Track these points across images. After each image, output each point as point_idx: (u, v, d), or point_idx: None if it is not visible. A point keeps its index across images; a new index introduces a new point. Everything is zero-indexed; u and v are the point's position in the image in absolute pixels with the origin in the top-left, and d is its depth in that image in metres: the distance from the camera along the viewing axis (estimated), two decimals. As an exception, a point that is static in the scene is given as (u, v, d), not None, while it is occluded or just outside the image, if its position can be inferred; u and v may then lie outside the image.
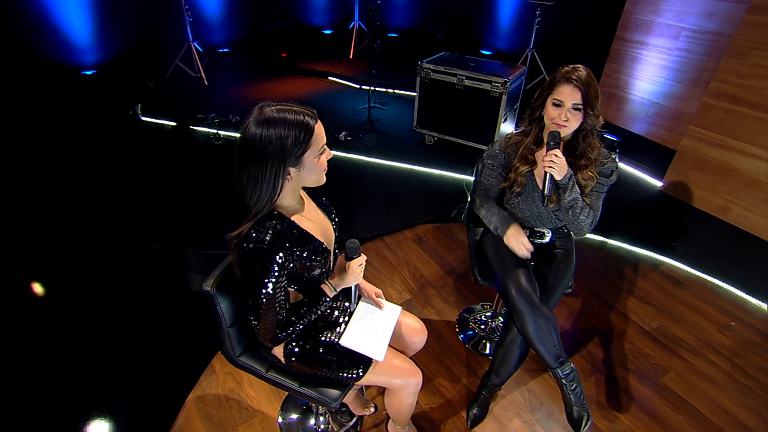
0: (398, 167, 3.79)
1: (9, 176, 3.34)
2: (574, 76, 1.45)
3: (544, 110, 1.55)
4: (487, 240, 1.83)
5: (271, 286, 1.11)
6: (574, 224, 1.63)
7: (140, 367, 2.01)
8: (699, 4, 3.26)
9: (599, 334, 2.33)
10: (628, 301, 2.55)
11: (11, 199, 3.05)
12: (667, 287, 2.67)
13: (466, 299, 2.52)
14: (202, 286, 1.23)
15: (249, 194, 1.10)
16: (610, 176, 1.62)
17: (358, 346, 1.33)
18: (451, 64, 3.73)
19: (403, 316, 1.51)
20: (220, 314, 1.27)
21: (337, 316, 1.40)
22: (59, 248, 2.69)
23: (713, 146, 3.07)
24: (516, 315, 1.55)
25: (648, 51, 3.66)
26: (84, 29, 4.80)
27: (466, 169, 3.72)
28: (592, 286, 2.65)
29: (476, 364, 2.12)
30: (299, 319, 1.21)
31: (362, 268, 1.26)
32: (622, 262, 2.87)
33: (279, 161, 1.07)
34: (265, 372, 1.37)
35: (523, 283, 1.56)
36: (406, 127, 4.33)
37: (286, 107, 1.08)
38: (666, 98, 3.68)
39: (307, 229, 1.20)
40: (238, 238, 1.11)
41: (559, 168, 1.49)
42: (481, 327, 2.29)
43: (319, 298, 1.24)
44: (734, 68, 2.86)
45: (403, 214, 3.22)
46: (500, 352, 1.70)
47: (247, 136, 1.06)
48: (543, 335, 1.54)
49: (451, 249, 2.93)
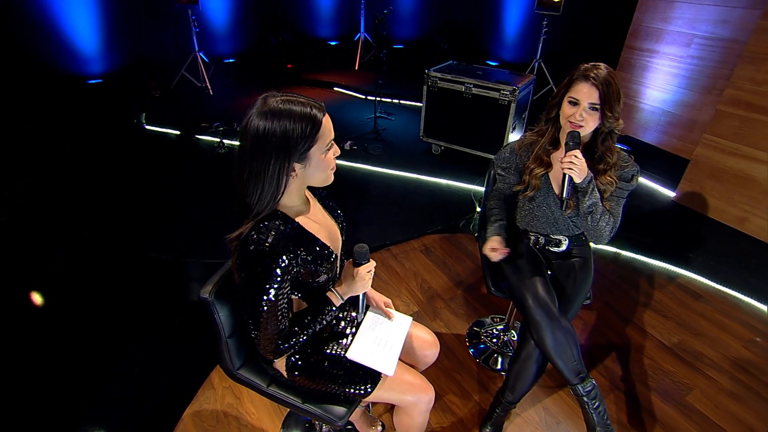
0: (405, 177, 3.73)
1: (9, 179, 3.30)
2: (593, 74, 1.38)
3: (561, 109, 1.48)
4: (501, 248, 1.74)
5: (273, 292, 1.02)
6: (593, 231, 1.54)
7: (135, 380, 1.92)
8: (711, 12, 3.21)
9: (617, 348, 2.22)
10: (646, 315, 2.45)
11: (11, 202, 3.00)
12: (686, 300, 2.56)
13: (477, 312, 2.42)
14: (199, 294, 1.15)
15: (250, 192, 1.02)
16: (631, 181, 1.53)
17: (366, 359, 1.24)
18: (458, 72, 3.69)
19: (414, 328, 1.42)
20: (219, 323, 1.18)
21: (344, 327, 1.31)
22: (57, 255, 2.62)
23: (729, 155, 2.99)
24: (533, 326, 1.46)
25: (659, 59, 3.61)
26: (91, 40, 4.82)
27: (474, 179, 3.64)
28: (607, 298, 2.55)
29: (488, 380, 2.02)
30: (303, 330, 1.12)
31: (371, 274, 1.17)
32: (636, 273, 2.77)
33: (283, 156, 0.99)
34: (266, 387, 1.28)
35: (541, 292, 1.47)
36: (413, 136, 4.28)
37: (292, 98, 1.01)
38: (678, 107, 3.61)
39: (312, 231, 1.12)
40: (238, 239, 1.03)
41: (579, 170, 1.41)
42: (492, 341, 2.19)
43: (325, 307, 1.15)
44: (750, 75, 2.79)
45: (409, 223, 3.14)
46: (515, 367, 1.60)
47: (250, 128, 0.99)
48: (562, 348, 1.44)
49: (459, 260, 2.84)
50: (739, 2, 3.11)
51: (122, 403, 1.82)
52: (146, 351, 2.06)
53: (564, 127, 1.49)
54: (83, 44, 4.79)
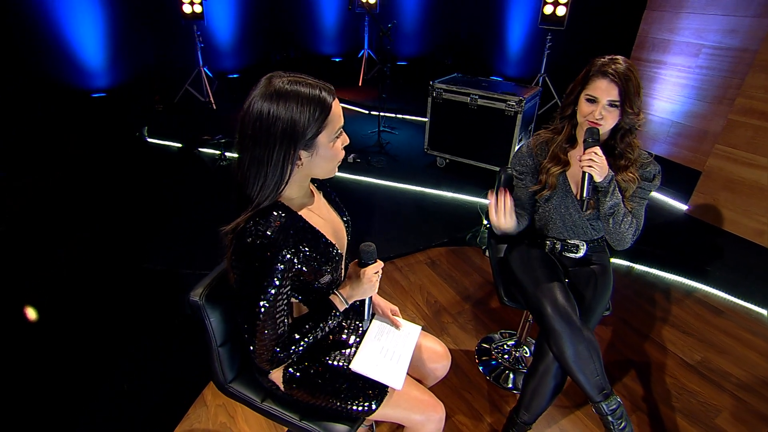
0: (409, 189, 3.65)
1: (9, 181, 3.25)
2: (611, 69, 1.30)
3: (577, 106, 1.40)
4: (513, 255, 1.64)
5: (273, 292, 0.92)
6: (614, 235, 1.44)
7: (123, 396, 1.79)
8: (719, 21, 3.19)
9: (636, 366, 2.08)
10: (664, 331, 2.31)
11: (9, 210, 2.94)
12: (706, 316, 2.43)
13: (486, 327, 2.30)
14: (189, 297, 1.05)
15: (251, 182, 0.93)
16: (653, 180, 1.44)
17: (371, 371, 1.12)
18: (463, 84, 3.65)
19: (424, 338, 1.31)
20: (209, 330, 1.08)
21: (347, 337, 1.20)
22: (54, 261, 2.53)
23: (743, 165, 2.90)
24: (552, 337, 1.34)
25: (666, 70, 3.57)
26: (97, 54, 4.85)
27: (480, 192, 3.56)
28: (623, 314, 2.42)
29: (500, 399, 1.88)
30: (303, 336, 1.01)
31: (379, 276, 1.07)
32: (651, 288, 2.65)
33: (289, 142, 0.90)
34: (261, 401, 1.16)
35: (560, 299, 1.35)
36: (417, 150, 4.23)
37: (300, 79, 0.92)
38: (687, 117, 3.55)
39: (317, 226, 1.03)
40: (234, 232, 0.93)
41: (599, 168, 1.32)
42: (504, 357, 2.06)
43: (328, 312, 1.04)
44: (762, 83, 2.73)
45: (414, 236, 3.04)
46: (532, 383, 1.47)
47: (252, 111, 0.90)
48: (584, 362, 1.32)
49: (466, 273, 2.73)
50: (747, 11, 3.08)
51: (109, 420, 1.70)
52: (136, 365, 1.94)
53: (582, 125, 1.41)
54: (89, 59, 4.82)
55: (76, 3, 4.54)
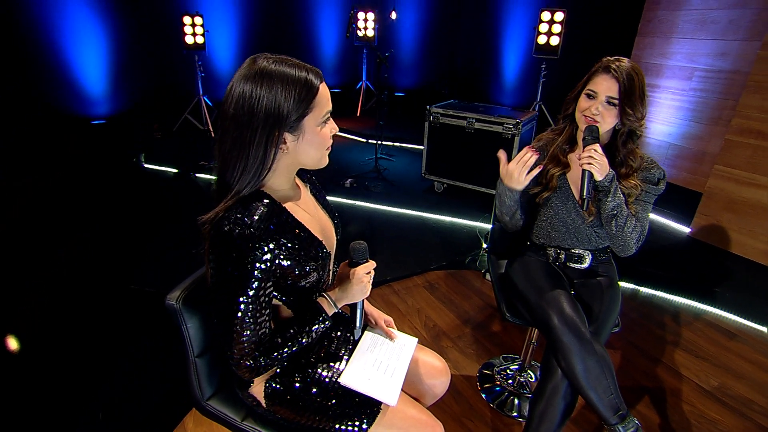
0: (406, 214, 3.59)
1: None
2: (614, 66, 1.28)
3: (578, 104, 1.37)
4: (515, 268, 1.56)
5: (254, 287, 0.84)
6: (618, 239, 1.37)
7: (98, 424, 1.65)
8: (709, 45, 3.25)
9: (650, 393, 1.95)
10: (677, 355, 2.19)
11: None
12: (720, 339, 2.31)
13: (487, 351, 2.18)
14: (165, 300, 0.97)
15: (231, 165, 0.86)
16: (658, 184, 1.39)
17: (363, 386, 1.02)
18: (460, 108, 3.68)
19: (420, 352, 1.21)
20: (186, 338, 0.98)
21: (336, 348, 1.10)
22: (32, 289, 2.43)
23: (744, 185, 2.87)
24: (560, 351, 1.24)
25: (661, 93, 3.61)
26: (98, 82, 4.93)
27: (479, 216, 3.50)
28: (632, 337, 2.30)
29: (504, 428, 1.74)
30: (287, 343, 0.91)
31: (371, 277, 0.99)
32: (659, 310, 2.54)
33: (273, 123, 0.84)
34: (240, 421, 1.05)
35: (567, 309, 1.26)
36: (415, 176, 4.22)
37: (286, 59, 0.87)
38: (685, 139, 3.55)
39: (302, 221, 0.96)
40: (212, 222, 0.86)
41: (599, 165, 1.26)
42: (507, 382, 1.93)
43: (315, 316, 0.95)
44: (757, 103, 2.74)
45: (411, 260, 2.96)
46: (539, 406, 1.35)
47: (234, 91, 0.85)
48: (595, 378, 1.21)
49: (466, 296, 2.63)
50: (736, 35, 3.15)
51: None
52: (113, 388, 1.80)
53: (579, 122, 1.37)
54: (91, 86, 4.89)
55: (82, 32, 4.65)
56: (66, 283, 2.44)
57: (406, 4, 6.64)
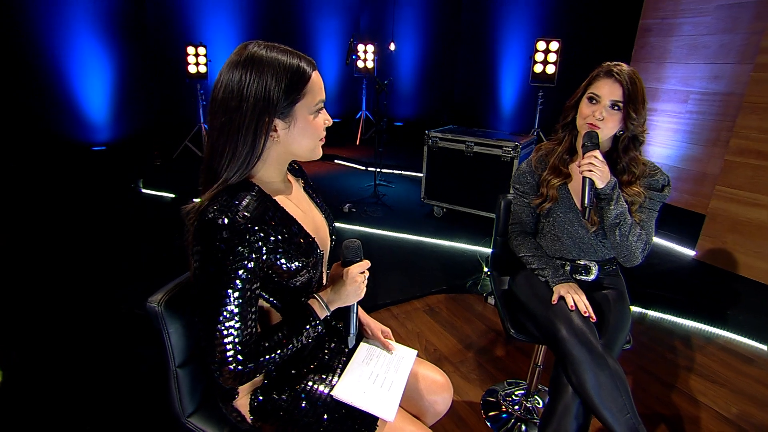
0: (406, 239, 3.54)
1: None
2: (616, 69, 1.27)
3: (579, 111, 1.34)
4: (519, 281, 1.49)
5: (242, 282, 0.78)
6: (622, 248, 1.30)
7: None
8: (702, 69, 3.30)
9: (666, 421, 1.83)
10: (692, 380, 2.08)
11: None
12: (736, 364, 2.20)
13: (491, 377, 2.07)
14: (146, 303, 0.90)
15: (219, 152, 0.82)
16: (663, 191, 1.34)
17: (358, 399, 0.94)
18: (459, 133, 3.70)
19: (421, 366, 1.12)
20: (167, 345, 0.91)
21: (329, 359, 1.02)
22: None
23: (747, 206, 2.83)
24: (570, 365, 1.15)
25: (657, 116, 3.64)
26: (101, 109, 4.99)
27: (479, 240, 3.45)
28: (643, 362, 2.20)
29: (512, 459, 1.62)
30: (275, 348, 0.84)
31: (365, 277, 0.93)
32: (669, 334, 2.44)
33: (263, 108, 0.80)
34: (222, 441, 0.96)
35: (576, 320, 1.19)
36: (414, 201, 4.20)
37: (277, 46, 0.84)
38: (684, 161, 3.55)
39: (293, 216, 0.91)
40: (197, 212, 0.81)
41: (600, 172, 1.22)
42: (513, 408, 1.82)
43: (306, 320, 0.88)
44: (754, 124, 2.75)
45: (411, 284, 2.88)
46: (549, 428, 1.25)
47: (223, 77, 0.82)
48: (609, 395, 1.12)
49: (468, 320, 2.54)
50: (728, 59, 3.21)
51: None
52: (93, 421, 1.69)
53: (580, 129, 1.34)
54: (93, 114, 4.95)
55: (88, 61, 4.75)
56: (50, 303, 2.35)
57: (405, 35, 6.86)
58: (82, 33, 4.62)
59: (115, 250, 3.13)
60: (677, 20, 3.47)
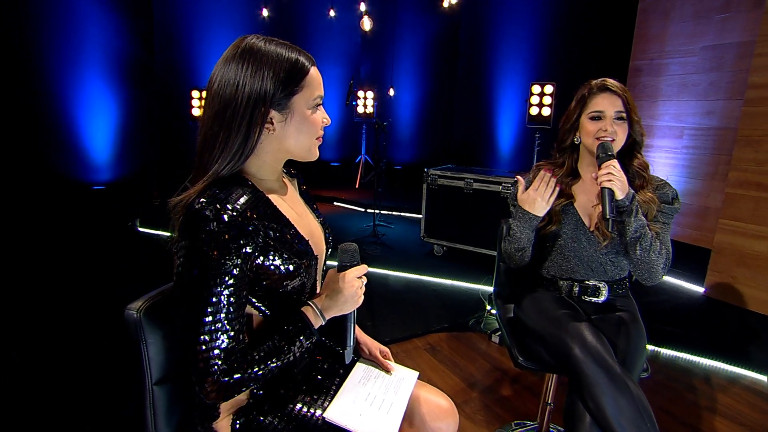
0: (406, 278, 3.45)
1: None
2: (609, 84, 1.28)
3: (579, 132, 1.34)
4: (525, 307, 1.41)
5: (230, 280, 0.71)
6: (643, 265, 1.24)
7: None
8: (694, 106, 3.39)
9: (692, 464, 1.67)
10: (716, 422, 1.93)
11: None
12: (762, 405, 2.05)
13: (498, 418, 1.92)
14: (124, 310, 0.83)
15: (211, 143, 0.77)
16: (673, 203, 1.30)
17: (353, 423, 0.84)
18: (458, 170, 3.72)
19: (422, 388, 1.02)
20: (144, 358, 0.82)
21: (322, 379, 0.93)
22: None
23: (753, 238, 2.78)
24: (586, 388, 1.05)
25: (653, 152, 3.69)
26: (104, 150, 5.06)
27: (480, 278, 3.36)
28: (662, 402, 2.05)
29: None
30: (266, 358, 0.75)
31: (363, 282, 0.86)
32: (686, 373, 2.30)
33: (259, 97, 0.77)
34: (198, 470, 0.84)
35: (590, 338, 1.10)
36: (413, 241, 4.15)
37: (276, 39, 0.83)
38: (685, 196, 3.54)
39: (287, 216, 0.85)
40: (184, 205, 0.76)
41: (620, 182, 1.18)
42: (525, 450, 1.66)
43: (299, 329, 0.80)
44: (750, 156, 2.77)
45: (411, 322, 2.77)
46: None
47: (219, 68, 0.79)
48: (630, 421, 1.01)
49: (471, 359, 2.41)
50: (718, 95, 3.30)
51: None
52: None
53: (591, 147, 1.32)
54: (95, 154, 5.01)
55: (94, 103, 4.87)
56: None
57: (404, 81, 7.12)
58: (92, 76, 4.78)
59: (103, 284, 3.04)
60: (665, 61, 3.61)
